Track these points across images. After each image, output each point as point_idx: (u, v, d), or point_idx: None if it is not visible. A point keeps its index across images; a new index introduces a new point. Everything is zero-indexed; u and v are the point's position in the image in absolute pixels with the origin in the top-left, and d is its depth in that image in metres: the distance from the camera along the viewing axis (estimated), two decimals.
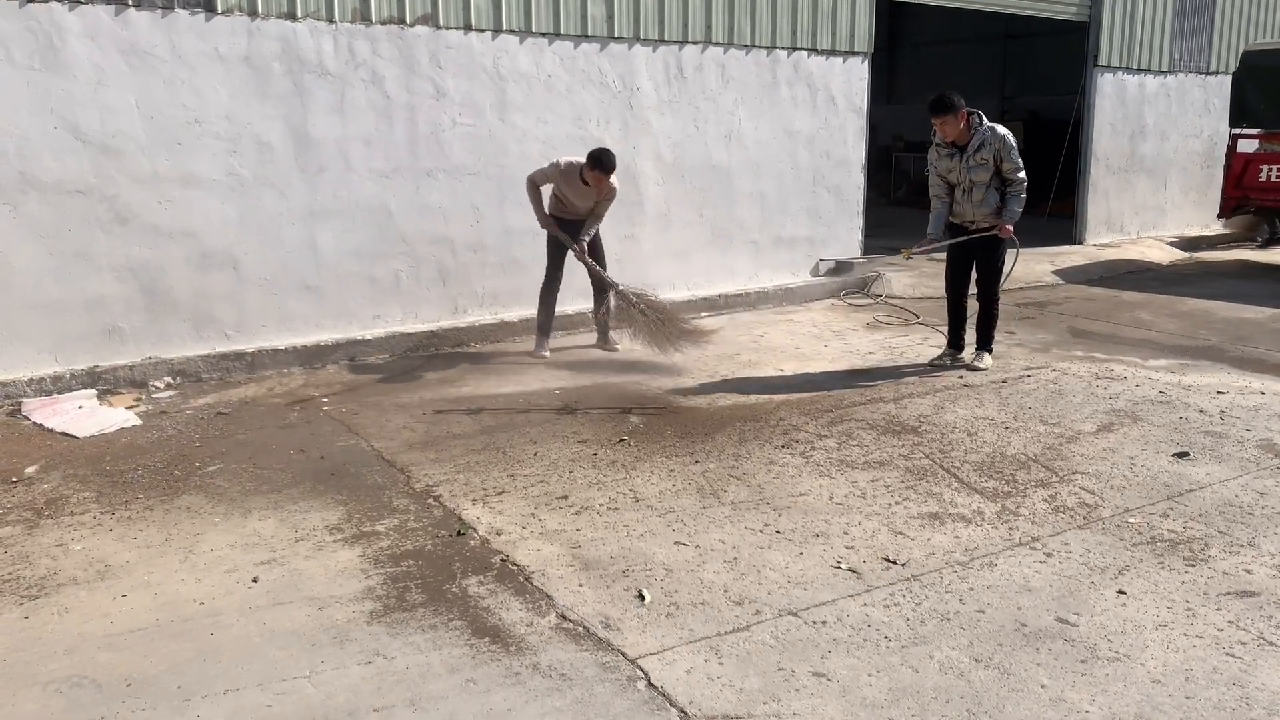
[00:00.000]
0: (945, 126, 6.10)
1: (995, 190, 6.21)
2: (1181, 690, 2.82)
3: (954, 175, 6.28)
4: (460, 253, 7.27)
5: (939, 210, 6.42)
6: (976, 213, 6.27)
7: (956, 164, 6.21)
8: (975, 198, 6.23)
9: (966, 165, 6.17)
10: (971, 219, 6.32)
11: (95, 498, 4.31)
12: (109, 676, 2.92)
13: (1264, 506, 4.14)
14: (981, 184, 6.18)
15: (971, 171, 6.17)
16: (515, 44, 7.26)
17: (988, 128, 6.14)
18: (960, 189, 6.29)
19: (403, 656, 3.02)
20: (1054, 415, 5.41)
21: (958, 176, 6.26)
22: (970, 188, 6.22)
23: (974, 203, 6.25)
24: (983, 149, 6.11)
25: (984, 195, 6.20)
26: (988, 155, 6.12)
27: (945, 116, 6.04)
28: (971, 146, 6.13)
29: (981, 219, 6.28)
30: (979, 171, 6.15)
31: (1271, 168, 9.88)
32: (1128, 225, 12.28)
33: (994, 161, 6.13)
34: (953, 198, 6.36)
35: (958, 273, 6.54)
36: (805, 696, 2.81)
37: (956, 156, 6.20)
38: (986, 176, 6.16)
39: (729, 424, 5.30)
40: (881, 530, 3.93)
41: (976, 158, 6.13)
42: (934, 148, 6.34)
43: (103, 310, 6.02)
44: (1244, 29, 12.67)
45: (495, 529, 3.95)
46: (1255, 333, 7.56)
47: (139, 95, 5.94)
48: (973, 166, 6.15)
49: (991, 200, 6.22)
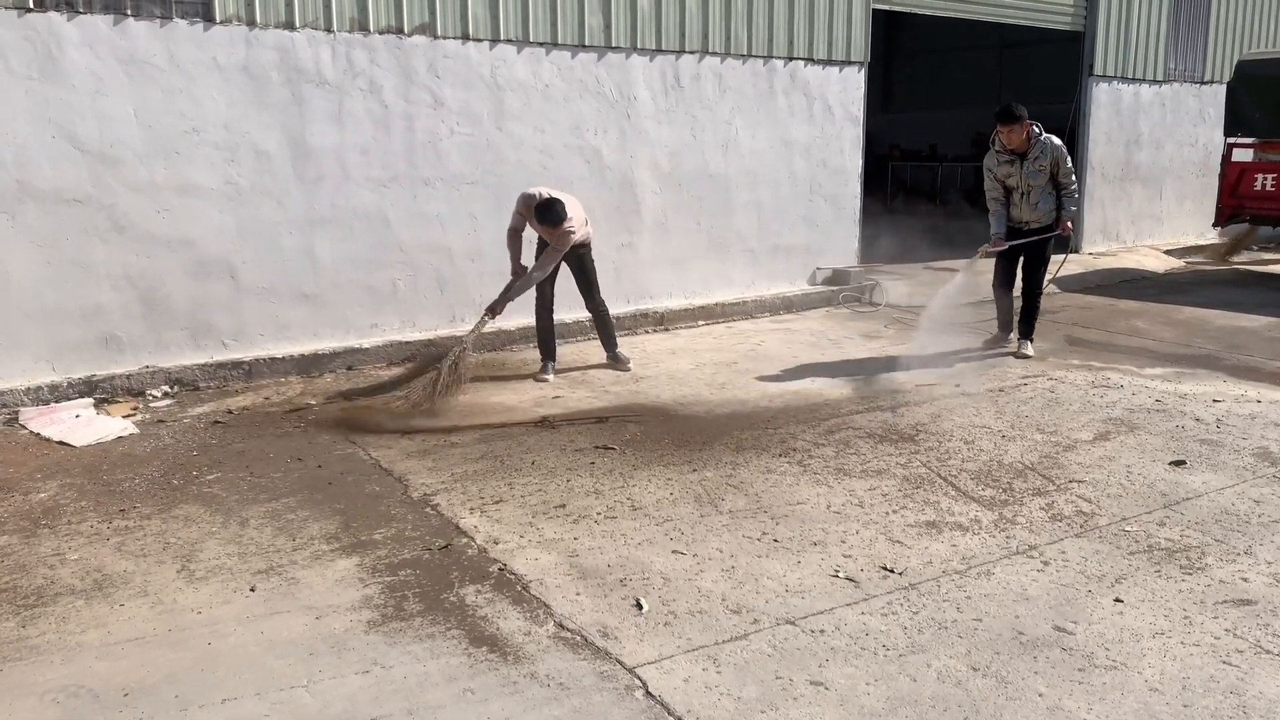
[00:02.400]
0: (1011, 135, 6.69)
1: (1049, 194, 6.85)
2: (1179, 698, 2.83)
3: (1013, 180, 6.87)
4: (458, 261, 7.28)
5: (999, 212, 7.03)
6: (1032, 214, 6.91)
7: (1016, 170, 6.82)
8: (1032, 200, 6.87)
9: (1026, 171, 6.78)
10: (1027, 220, 6.95)
11: (92, 507, 4.30)
12: (106, 686, 2.91)
13: (1260, 515, 4.15)
14: (1039, 188, 6.83)
15: (1030, 177, 6.79)
16: (513, 53, 7.28)
17: (1046, 137, 6.75)
18: (1019, 192, 6.90)
19: (400, 666, 3.02)
20: (1051, 424, 5.42)
21: (1017, 181, 6.85)
22: (1028, 191, 6.85)
23: (1030, 205, 6.89)
24: (1041, 156, 6.73)
25: (1039, 198, 6.85)
26: (1045, 162, 6.74)
27: (1012, 125, 6.64)
28: (1031, 154, 6.74)
29: (1035, 220, 6.92)
30: (1037, 177, 6.78)
31: (1266, 176, 9.91)
32: (1124, 234, 12.32)
33: (1050, 168, 6.76)
34: (1009, 201, 6.97)
35: (1008, 272, 7.20)
36: (803, 705, 2.81)
37: (1017, 163, 6.80)
38: (1044, 181, 6.80)
39: (726, 432, 5.30)
40: (879, 539, 3.93)
41: (1035, 165, 6.75)
42: (992, 155, 6.93)
43: (100, 319, 6.02)
44: (1238, 38, 12.74)
45: (493, 538, 3.95)
46: (1251, 341, 7.58)
47: (137, 104, 5.95)
48: (1032, 173, 6.77)
49: (1045, 203, 6.87)
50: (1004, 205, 6.98)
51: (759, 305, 8.76)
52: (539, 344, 6.66)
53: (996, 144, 6.84)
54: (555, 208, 6.04)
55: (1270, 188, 9.79)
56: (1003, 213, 6.99)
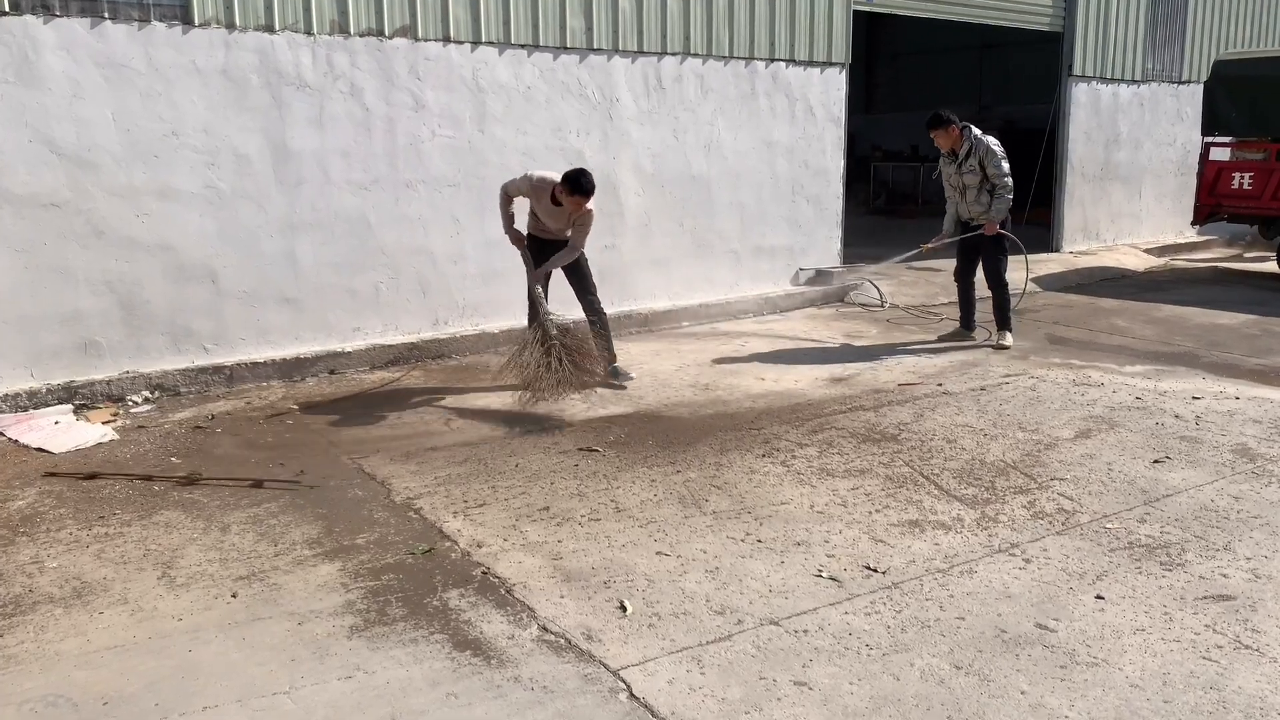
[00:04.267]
0: (940, 139, 7.14)
1: (988, 192, 7.19)
2: (1159, 694, 2.85)
3: (954, 179, 7.30)
4: (440, 264, 7.26)
5: (950, 211, 7.49)
6: (973, 210, 7.29)
7: (953, 169, 7.26)
8: (969, 198, 7.27)
9: (959, 171, 7.21)
10: (970, 216, 7.34)
11: (71, 514, 4.27)
12: (85, 695, 2.89)
13: (1239, 511, 4.19)
14: (974, 186, 7.19)
15: (964, 176, 7.20)
16: (494, 55, 7.27)
17: (975, 138, 7.11)
18: (957, 191, 7.34)
19: (383, 671, 3.00)
20: (1032, 422, 5.46)
21: (956, 180, 7.29)
22: (964, 189, 7.27)
23: (968, 202, 7.29)
24: (971, 156, 7.12)
25: (977, 196, 7.22)
26: (975, 162, 7.12)
27: (938, 130, 7.10)
28: (962, 154, 7.15)
29: (978, 216, 7.27)
30: (970, 175, 7.17)
31: (1243, 175, 10.00)
32: (1104, 233, 12.41)
33: (980, 167, 7.11)
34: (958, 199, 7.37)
35: (963, 264, 7.52)
36: (787, 706, 2.81)
37: (953, 163, 7.24)
38: (977, 180, 7.16)
39: (710, 433, 5.31)
40: (862, 538, 3.94)
41: (967, 164, 7.15)
42: (942, 156, 7.34)
43: (79, 324, 5.97)
44: (1215, 39, 12.86)
45: (476, 541, 3.94)
46: (1229, 338, 7.65)
47: (115, 108, 5.91)
48: (965, 172, 7.18)
49: (984, 200, 7.21)
50: (954, 203, 7.42)
51: (742, 306, 8.78)
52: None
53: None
54: (589, 174, 5.71)
55: (1247, 186, 9.88)
56: (952, 211, 7.45)
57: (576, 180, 5.68)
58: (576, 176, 5.70)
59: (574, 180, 5.69)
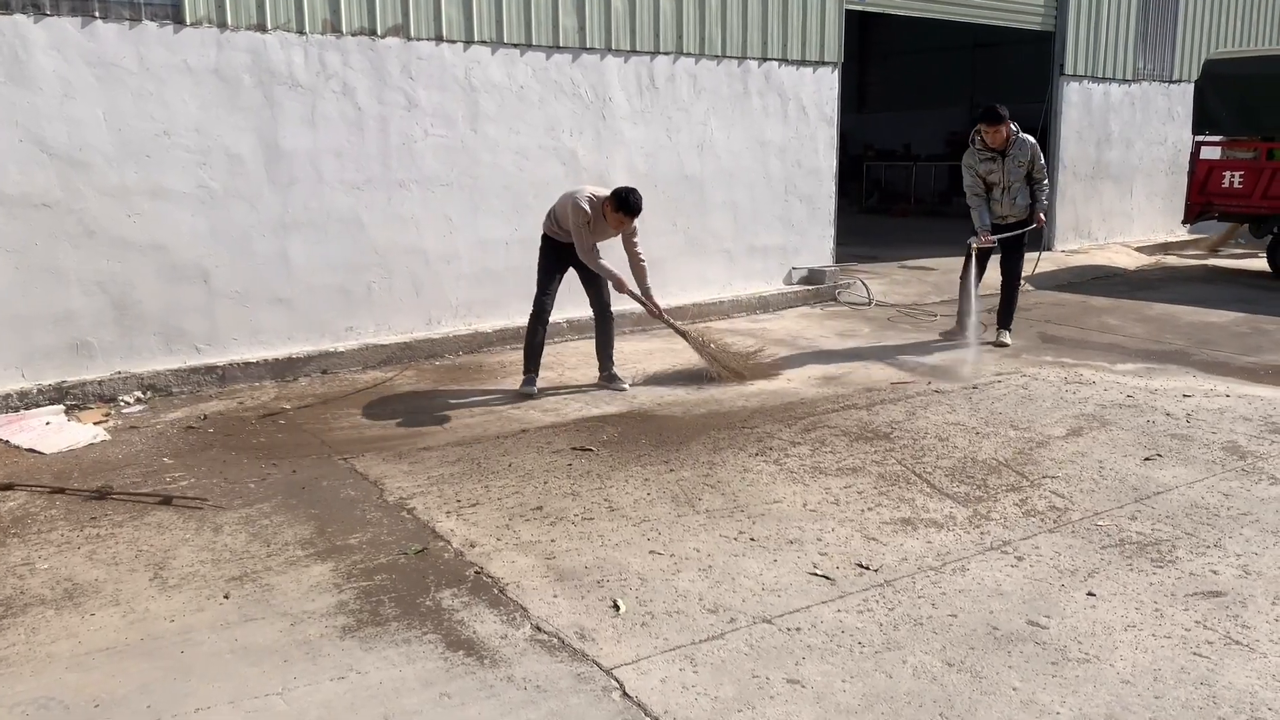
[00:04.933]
0: (996, 134, 6.98)
1: (1026, 190, 7.18)
2: (1150, 690, 2.86)
3: (994, 176, 7.15)
4: (433, 263, 7.25)
5: (982, 206, 7.25)
6: (1012, 209, 7.21)
7: (998, 167, 7.11)
8: (1012, 195, 7.17)
9: (1007, 168, 7.08)
10: (1006, 215, 7.24)
11: (63, 515, 4.25)
12: (77, 698, 2.88)
13: (1229, 508, 4.21)
14: (1019, 184, 7.14)
15: (1012, 174, 7.10)
16: (487, 55, 7.27)
17: (1023, 136, 7.10)
18: (1000, 188, 7.18)
19: (376, 671, 3.00)
20: (1024, 420, 5.47)
21: (999, 178, 7.14)
22: (1009, 187, 7.15)
23: (1010, 200, 7.18)
24: (1020, 154, 7.06)
25: (1018, 194, 7.17)
26: (1024, 159, 7.07)
27: (996, 126, 6.95)
28: (1011, 152, 7.04)
29: (1014, 215, 7.22)
30: (1017, 173, 7.10)
31: (1234, 174, 10.04)
32: (1095, 231, 12.45)
33: (1028, 165, 7.08)
34: (990, 197, 7.23)
35: (980, 265, 7.34)
36: (780, 703, 2.82)
37: (998, 160, 7.09)
38: (1023, 177, 7.13)
39: (703, 432, 5.31)
40: (855, 536, 3.95)
41: (1015, 161, 7.07)
42: (973, 152, 7.18)
43: (71, 324, 5.95)
44: (1206, 38, 12.90)
45: (470, 541, 3.94)
46: (1220, 336, 7.68)
47: (106, 108, 5.89)
48: (1013, 169, 7.09)
49: (1023, 198, 7.19)
50: (984, 200, 7.23)
51: (735, 305, 8.79)
52: (525, 353, 6.18)
53: (978, 142, 7.13)
54: (639, 196, 5.77)
55: (1238, 185, 9.92)
56: (985, 207, 7.22)
57: (626, 200, 5.75)
58: (626, 196, 5.75)
59: (623, 199, 5.75)
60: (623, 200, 5.75)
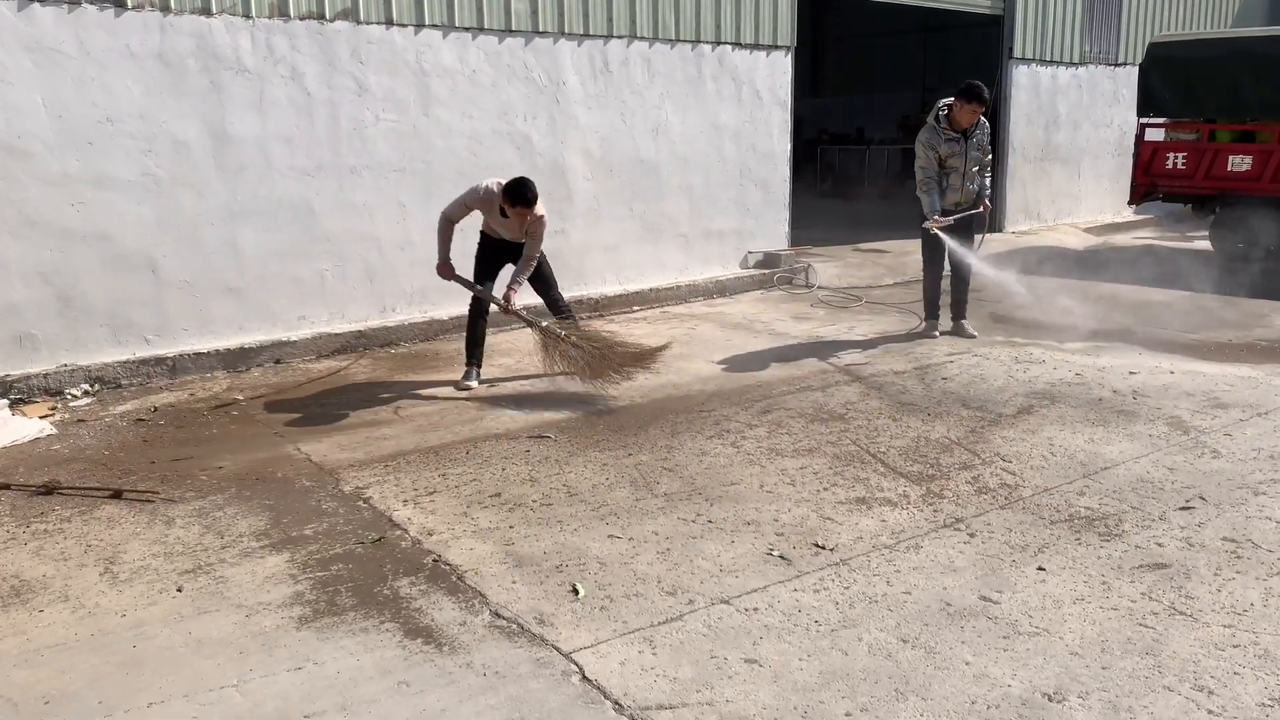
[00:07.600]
0: (967, 114, 6.58)
1: (977, 175, 6.85)
2: (1098, 661, 2.93)
3: (955, 160, 6.71)
4: (387, 251, 7.17)
5: (935, 189, 6.75)
6: (966, 194, 6.85)
7: (960, 149, 6.68)
8: (969, 180, 6.81)
9: (970, 150, 6.71)
10: (959, 201, 6.86)
11: (8, 511, 4.16)
12: (26, 695, 2.83)
13: (1174, 482, 4.31)
14: (975, 168, 6.80)
15: (972, 157, 6.74)
16: (438, 39, 7.18)
17: (981, 118, 6.74)
18: (958, 174, 6.76)
19: (333, 661, 2.98)
20: (976, 399, 5.56)
21: (959, 161, 6.71)
22: (966, 171, 6.76)
23: (967, 184, 6.81)
24: (981, 136, 6.76)
25: (974, 178, 6.84)
26: (985, 142, 6.79)
27: (977, 105, 6.54)
28: (973, 134, 6.69)
29: (966, 200, 6.88)
30: (976, 157, 6.76)
31: (1177, 155, 10.23)
32: (1044, 213, 12.65)
33: (985, 148, 6.80)
34: (946, 182, 6.78)
35: (940, 253, 7.02)
36: (738, 683, 2.84)
37: (960, 143, 6.67)
38: (980, 161, 6.80)
39: (661, 416, 5.33)
40: (811, 516, 3.99)
41: (976, 145, 6.73)
42: (935, 132, 6.66)
43: (13, 317, 5.80)
44: (1150, 22, 13.13)
45: (427, 529, 3.92)
46: (1164, 314, 7.85)
47: (46, 94, 5.73)
48: (973, 153, 6.73)
49: (975, 183, 6.86)
50: (937, 183, 6.73)
51: (692, 289, 8.81)
52: (466, 345, 6.07)
53: (943, 121, 6.64)
54: (529, 184, 5.51)
55: (1181, 166, 10.11)
56: (937, 191, 6.73)
57: (517, 191, 5.49)
58: (516, 187, 5.50)
59: (514, 189, 5.50)
60: (510, 189, 5.51)
